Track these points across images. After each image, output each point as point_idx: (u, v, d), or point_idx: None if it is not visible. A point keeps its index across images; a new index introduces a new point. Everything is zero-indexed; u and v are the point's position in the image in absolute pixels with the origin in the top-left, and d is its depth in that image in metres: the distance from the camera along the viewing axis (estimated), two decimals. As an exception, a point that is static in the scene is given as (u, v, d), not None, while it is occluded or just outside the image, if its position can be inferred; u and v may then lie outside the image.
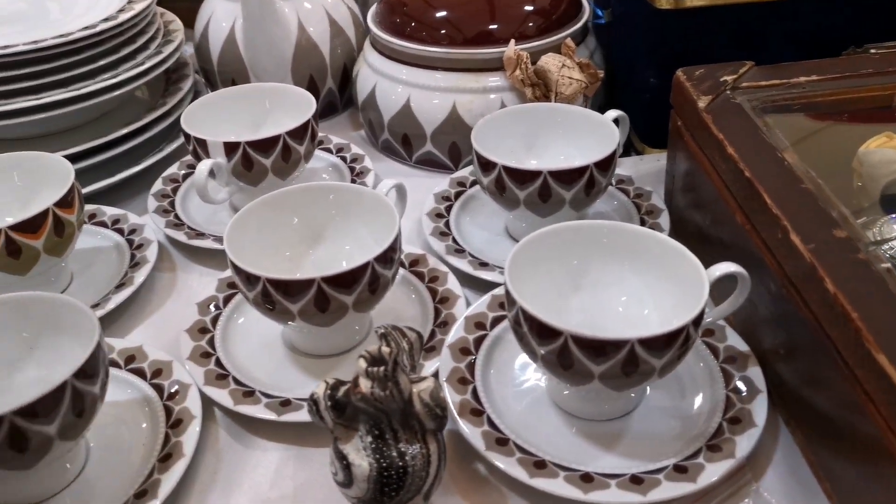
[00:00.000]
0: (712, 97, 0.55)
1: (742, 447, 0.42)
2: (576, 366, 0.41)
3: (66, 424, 0.39)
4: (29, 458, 0.38)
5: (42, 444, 0.38)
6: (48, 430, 0.38)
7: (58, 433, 0.38)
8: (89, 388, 0.40)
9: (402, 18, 0.71)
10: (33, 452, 0.38)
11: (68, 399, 0.38)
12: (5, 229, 0.51)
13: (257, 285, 0.46)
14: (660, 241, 0.47)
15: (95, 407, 0.41)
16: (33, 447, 0.38)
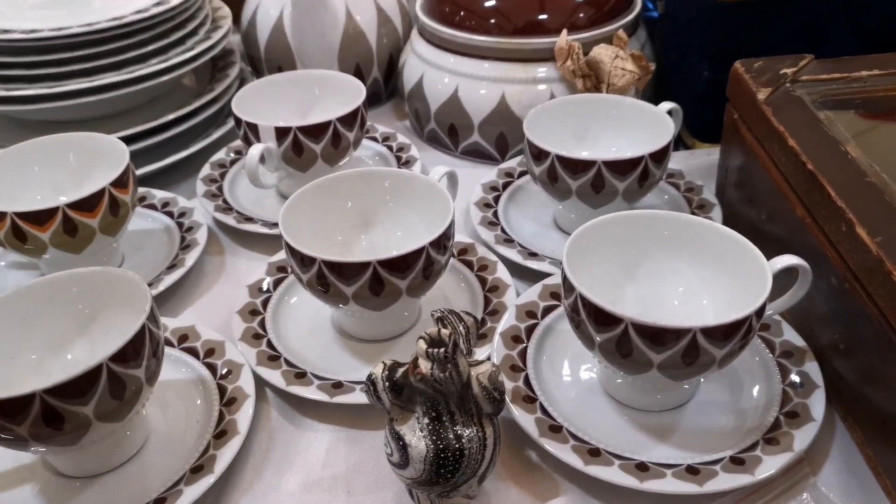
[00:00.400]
0: (772, 90, 0.54)
1: (800, 441, 0.42)
2: (634, 354, 0.40)
3: (103, 406, 0.38)
4: (69, 436, 0.38)
5: (80, 424, 0.38)
6: (84, 411, 0.38)
7: (95, 415, 0.38)
8: (130, 372, 0.39)
9: (451, 7, 0.71)
10: (72, 431, 0.38)
11: (104, 382, 0.38)
12: (63, 207, 0.52)
13: (312, 267, 0.46)
14: (720, 232, 0.46)
15: (141, 390, 0.40)
16: (70, 427, 0.38)
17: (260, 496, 0.43)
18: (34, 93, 0.65)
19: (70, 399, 0.37)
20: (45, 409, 0.36)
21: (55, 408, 0.36)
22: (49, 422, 0.37)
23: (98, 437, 0.39)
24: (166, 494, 0.41)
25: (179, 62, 0.70)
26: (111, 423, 0.39)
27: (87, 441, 0.39)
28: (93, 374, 0.37)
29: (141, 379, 0.40)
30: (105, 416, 0.39)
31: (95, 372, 0.37)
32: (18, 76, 0.66)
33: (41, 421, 0.36)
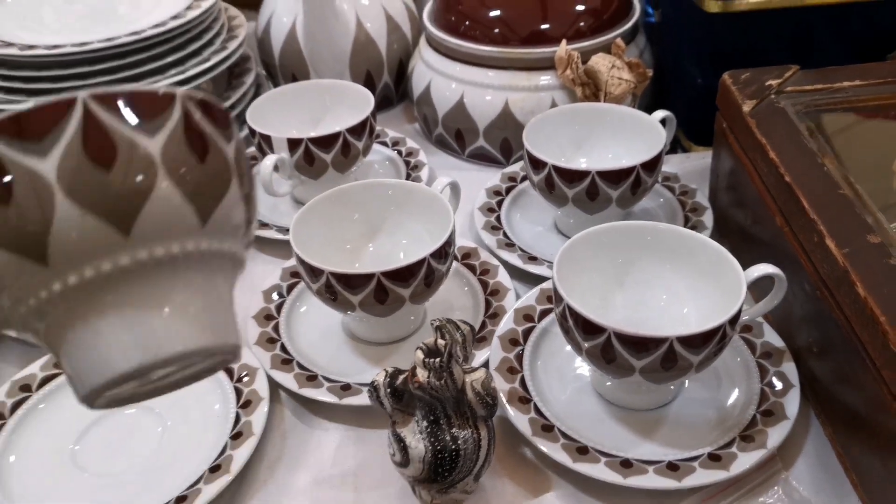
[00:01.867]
0: (757, 101, 0.57)
1: (773, 438, 0.45)
2: (618, 360, 0.44)
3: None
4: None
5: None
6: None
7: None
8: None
9: (457, 17, 0.74)
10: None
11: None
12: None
13: (321, 278, 0.50)
14: (701, 242, 0.49)
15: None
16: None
17: (274, 493, 0.47)
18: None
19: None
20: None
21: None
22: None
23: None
24: (187, 493, 0.45)
25: (196, 73, 0.73)
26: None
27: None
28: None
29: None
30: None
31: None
32: (43, 89, 0.69)
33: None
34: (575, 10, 0.72)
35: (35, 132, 0.24)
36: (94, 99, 0.25)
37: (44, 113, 0.25)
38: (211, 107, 0.28)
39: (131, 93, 0.26)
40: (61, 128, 0.24)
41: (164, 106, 0.26)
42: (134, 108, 0.26)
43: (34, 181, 0.24)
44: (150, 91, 0.26)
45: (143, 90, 0.26)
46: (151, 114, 0.26)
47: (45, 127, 0.24)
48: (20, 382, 0.52)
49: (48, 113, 0.25)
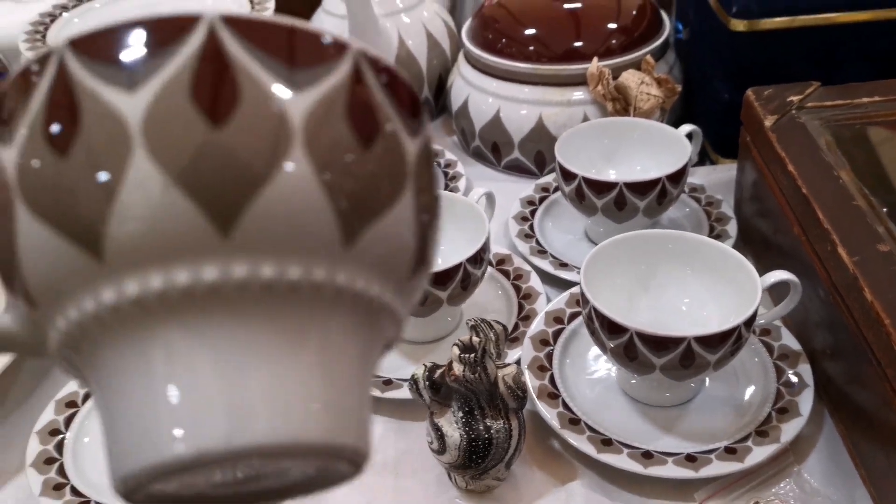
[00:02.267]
0: (778, 116, 0.60)
1: (787, 433, 0.48)
2: (640, 358, 0.47)
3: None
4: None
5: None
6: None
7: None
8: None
9: (494, 35, 0.78)
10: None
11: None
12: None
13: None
14: (720, 249, 0.52)
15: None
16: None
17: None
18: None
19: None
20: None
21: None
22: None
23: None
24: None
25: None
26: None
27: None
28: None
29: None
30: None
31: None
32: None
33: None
34: (606, 29, 0.76)
35: (123, 57, 0.17)
36: (225, 23, 0.17)
37: (152, 29, 0.17)
38: (396, 78, 0.20)
39: (284, 27, 0.18)
40: (168, 52, 0.17)
41: (328, 56, 0.18)
42: (280, 49, 0.18)
43: (108, 125, 0.17)
44: (313, 31, 0.19)
45: (302, 26, 0.19)
46: (306, 61, 0.18)
47: (143, 51, 0.17)
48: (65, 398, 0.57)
49: (157, 30, 0.17)
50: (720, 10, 0.69)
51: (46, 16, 0.81)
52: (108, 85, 0.17)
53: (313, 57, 0.18)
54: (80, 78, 0.17)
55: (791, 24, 0.67)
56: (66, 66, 0.17)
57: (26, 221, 0.17)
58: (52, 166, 0.17)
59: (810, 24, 0.67)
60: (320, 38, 0.19)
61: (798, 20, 0.67)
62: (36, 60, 0.18)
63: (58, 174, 0.17)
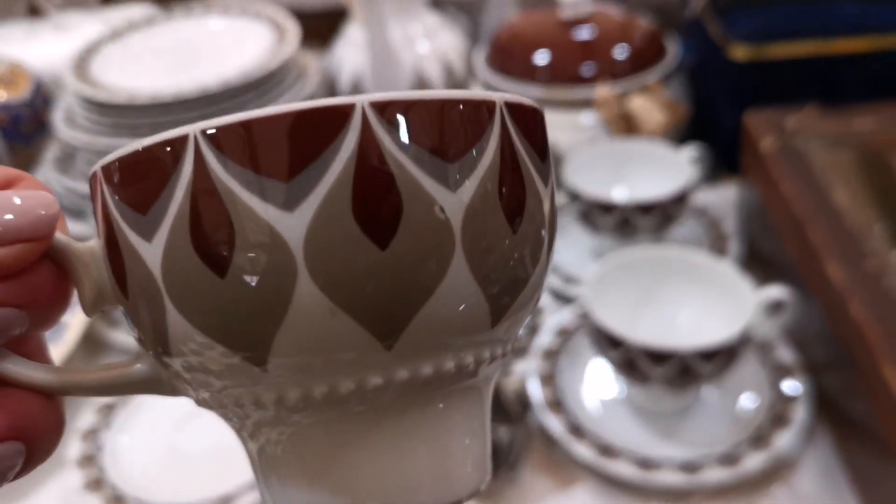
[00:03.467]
0: (774, 139, 0.62)
1: (781, 442, 0.50)
2: (638, 370, 0.50)
3: None
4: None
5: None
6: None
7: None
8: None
9: (506, 60, 0.82)
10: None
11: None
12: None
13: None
14: (717, 266, 0.55)
15: None
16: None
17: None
18: (157, 145, 0.78)
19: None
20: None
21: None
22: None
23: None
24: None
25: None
26: None
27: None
28: None
29: None
30: None
31: None
32: (145, 130, 0.79)
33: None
34: (614, 54, 0.79)
35: (279, 162, 0.16)
36: (374, 109, 0.16)
37: (302, 128, 0.16)
38: (526, 115, 0.18)
39: (434, 103, 0.16)
40: (324, 159, 0.16)
41: (479, 129, 0.17)
42: (433, 136, 0.16)
43: (268, 246, 0.16)
44: (459, 99, 0.17)
45: (449, 98, 0.17)
46: (459, 145, 0.17)
47: (299, 153, 0.16)
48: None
49: (308, 131, 0.16)
50: (721, 38, 0.72)
51: (90, 48, 0.86)
52: (263, 201, 0.16)
53: (465, 136, 0.17)
54: (229, 186, 0.16)
55: (790, 51, 0.69)
56: (208, 167, 0.16)
57: (179, 322, 0.17)
58: (206, 282, 0.17)
59: (809, 51, 0.69)
60: (470, 108, 0.17)
61: (797, 48, 0.69)
62: (166, 143, 0.17)
63: (215, 291, 0.16)
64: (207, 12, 0.94)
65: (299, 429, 0.18)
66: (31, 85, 0.86)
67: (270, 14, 0.91)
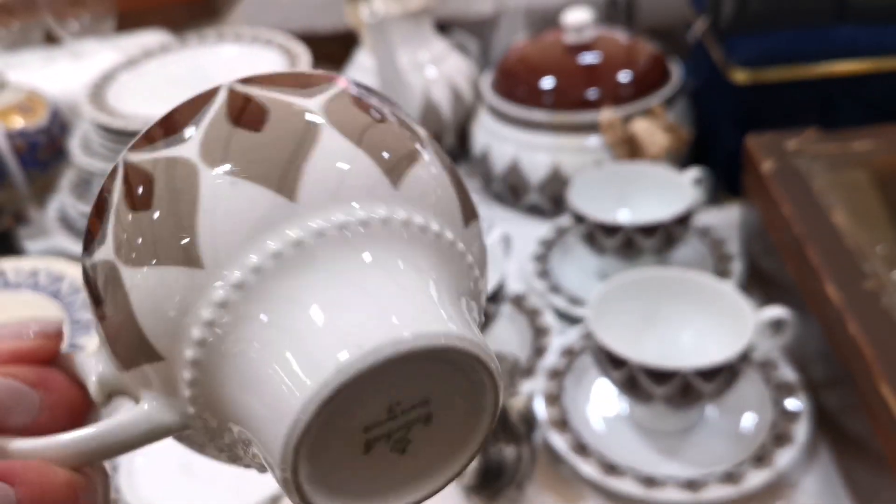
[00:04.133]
0: (775, 161, 0.64)
1: (783, 460, 0.51)
2: (640, 389, 0.51)
3: None
4: None
5: None
6: None
7: None
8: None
9: (512, 86, 0.83)
10: None
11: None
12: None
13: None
14: (718, 287, 0.56)
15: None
16: None
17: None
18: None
19: None
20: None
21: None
22: None
23: None
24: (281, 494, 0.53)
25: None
26: None
27: None
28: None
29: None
30: None
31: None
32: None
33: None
34: (618, 78, 0.80)
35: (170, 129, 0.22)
36: (241, 82, 0.23)
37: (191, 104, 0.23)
38: (367, 88, 0.25)
39: (289, 74, 0.24)
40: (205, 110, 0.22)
41: (324, 80, 0.24)
42: (290, 82, 0.23)
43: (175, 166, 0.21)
44: (306, 72, 0.25)
45: (296, 72, 0.25)
46: (309, 84, 0.23)
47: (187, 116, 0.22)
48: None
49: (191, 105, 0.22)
50: (722, 62, 0.74)
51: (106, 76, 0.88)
52: (166, 148, 0.22)
53: (318, 81, 0.23)
54: (145, 157, 0.22)
55: (790, 75, 0.71)
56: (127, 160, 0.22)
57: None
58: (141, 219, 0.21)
59: (809, 74, 0.71)
60: (315, 74, 0.24)
61: (797, 71, 0.71)
62: (107, 176, 0.23)
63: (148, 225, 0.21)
64: (220, 40, 0.96)
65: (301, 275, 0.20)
66: (48, 112, 0.89)
67: (282, 41, 0.93)
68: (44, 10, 1.03)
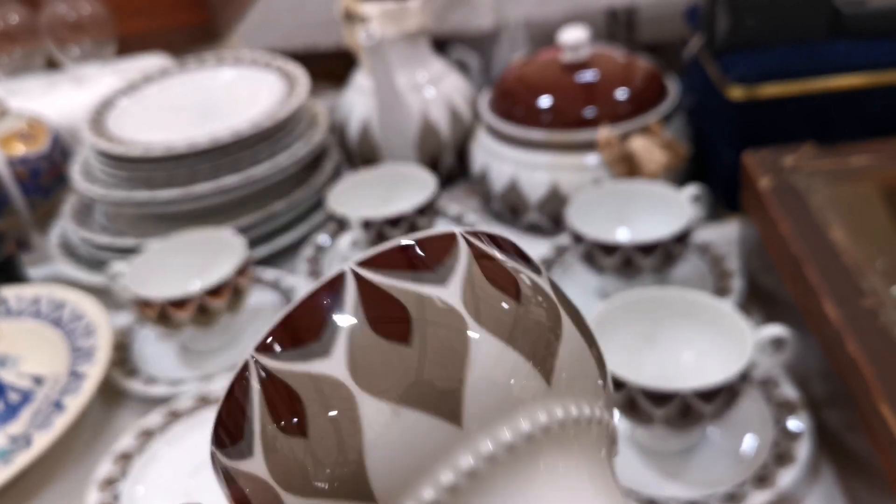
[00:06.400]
0: (772, 177, 0.64)
1: (783, 480, 0.51)
2: (640, 410, 0.51)
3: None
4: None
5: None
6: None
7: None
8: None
9: (510, 105, 0.83)
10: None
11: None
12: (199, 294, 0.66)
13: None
14: (716, 305, 0.56)
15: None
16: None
17: None
18: (172, 195, 0.80)
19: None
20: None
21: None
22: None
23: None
24: None
25: (286, 163, 0.84)
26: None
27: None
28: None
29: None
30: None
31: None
32: (160, 181, 0.81)
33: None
34: (615, 97, 0.81)
35: (308, 333, 0.21)
36: (360, 266, 0.21)
37: (310, 306, 0.21)
38: (497, 237, 0.24)
39: (400, 247, 0.22)
40: (338, 312, 0.21)
41: (446, 249, 0.22)
42: (414, 264, 0.22)
43: (327, 388, 0.20)
44: (425, 238, 0.22)
45: (419, 239, 0.22)
46: (433, 262, 0.22)
47: (319, 319, 0.21)
48: (143, 428, 0.63)
49: (315, 304, 0.21)
50: (719, 78, 0.74)
51: (106, 102, 0.89)
52: (308, 361, 0.20)
53: (437, 256, 0.22)
54: (286, 370, 0.21)
55: (787, 90, 0.71)
56: (267, 368, 0.21)
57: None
58: (299, 451, 0.20)
59: (805, 89, 0.71)
60: (434, 239, 0.22)
61: (793, 87, 0.71)
62: (236, 376, 0.22)
63: (308, 453, 0.20)
64: (220, 64, 0.97)
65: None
66: (49, 139, 0.89)
67: (280, 64, 0.93)
68: (45, 36, 1.04)
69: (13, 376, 0.68)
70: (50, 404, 0.63)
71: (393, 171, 0.83)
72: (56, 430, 0.60)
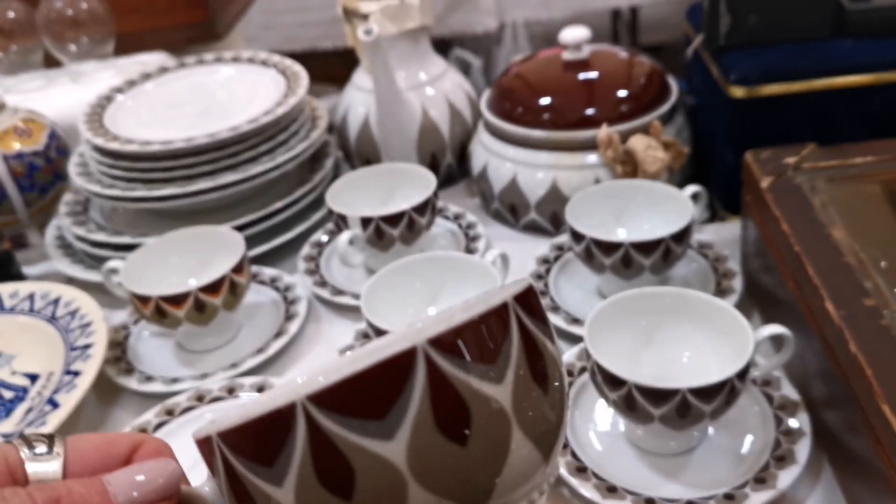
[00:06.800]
0: (774, 177, 0.63)
1: (783, 481, 0.50)
2: (639, 409, 0.50)
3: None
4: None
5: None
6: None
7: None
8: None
9: (511, 104, 0.83)
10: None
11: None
12: (194, 290, 0.66)
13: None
14: (717, 305, 0.55)
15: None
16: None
17: None
18: (169, 192, 0.79)
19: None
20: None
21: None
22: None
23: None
24: None
25: (285, 160, 0.84)
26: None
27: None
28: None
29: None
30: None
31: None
32: (157, 178, 0.81)
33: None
34: (616, 96, 0.80)
35: (372, 406, 0.21)
36: (431, 345, 0.21)
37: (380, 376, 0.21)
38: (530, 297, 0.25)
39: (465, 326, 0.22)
40: (404, 394, 0.21)
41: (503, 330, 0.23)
42: (471, 348, 0.22)
43: (381, 470, 0.21)
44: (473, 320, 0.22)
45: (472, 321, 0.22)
46: (492, 348, 0.22)
47: (385, 395, 0.21)
48: (138, 426, 0.62)
49: (384, 376, 0.21)
50: (720, 78, 0.73)
51: (103, 98, 0.88)
52: (368, 438, 0.21)
53: (497, 340, 0.23)
54: (339, 433, 0.21)
55: (787, 90, 0.71)
56: (318, 423, 0.21)
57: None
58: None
59: (806, 89, 0.71)
60: (494, 316, 0.23)
61: (795, 86, 0.71)
62: (278, 412, 0.22)
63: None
64: (218, 61, 0.96)
65: None
66: (45, 135, 0.89)
67: (278, 61, 0.93)
68: (43, 34, 1.04)
69: (7, 374, 0.67)
70: (44, 402, 0.62)
71: (392, 170, 0.82)
72: (50, 427, 0.59)
